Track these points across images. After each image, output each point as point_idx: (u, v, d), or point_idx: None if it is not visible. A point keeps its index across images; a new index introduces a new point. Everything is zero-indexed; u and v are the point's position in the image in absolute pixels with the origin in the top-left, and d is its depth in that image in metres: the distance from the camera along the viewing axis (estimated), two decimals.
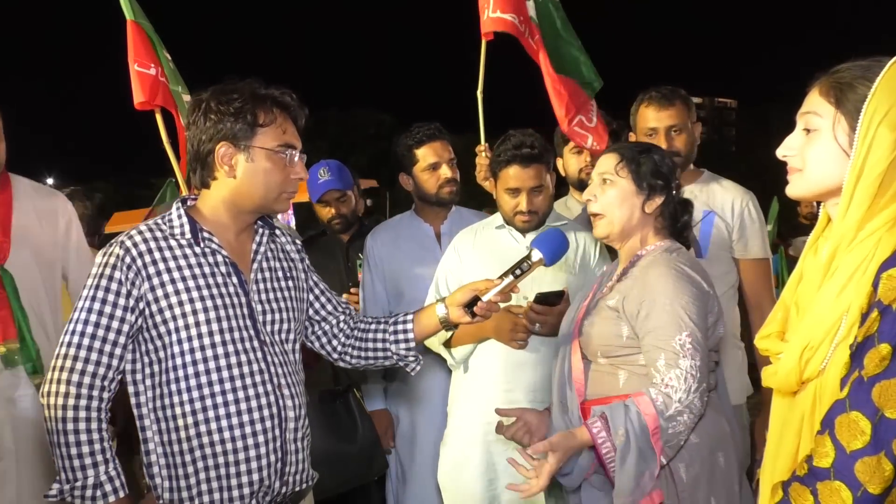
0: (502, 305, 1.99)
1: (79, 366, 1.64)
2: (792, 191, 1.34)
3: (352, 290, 2.95)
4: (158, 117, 3.12)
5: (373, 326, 2.05)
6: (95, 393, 1.65)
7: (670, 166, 1.99)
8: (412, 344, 2.00)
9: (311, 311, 2.02)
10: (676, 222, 2.00)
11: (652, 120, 2.59)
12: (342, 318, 2.07)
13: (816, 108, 1.29)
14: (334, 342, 2.05)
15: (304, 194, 3.40)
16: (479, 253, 2.54)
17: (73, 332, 1.66)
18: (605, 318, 1.90)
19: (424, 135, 2.84)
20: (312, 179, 3.24)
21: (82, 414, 1.63)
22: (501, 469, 2.40)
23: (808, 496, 1.17)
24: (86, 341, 1.65)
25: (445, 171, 2.82)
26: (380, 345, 2.02)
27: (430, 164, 2.83)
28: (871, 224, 1.20)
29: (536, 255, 1.91)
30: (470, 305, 1.91)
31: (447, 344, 2.51)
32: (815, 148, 1.29)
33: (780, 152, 1.35)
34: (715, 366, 1.94)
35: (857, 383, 1.14)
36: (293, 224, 9.08)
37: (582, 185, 2.94)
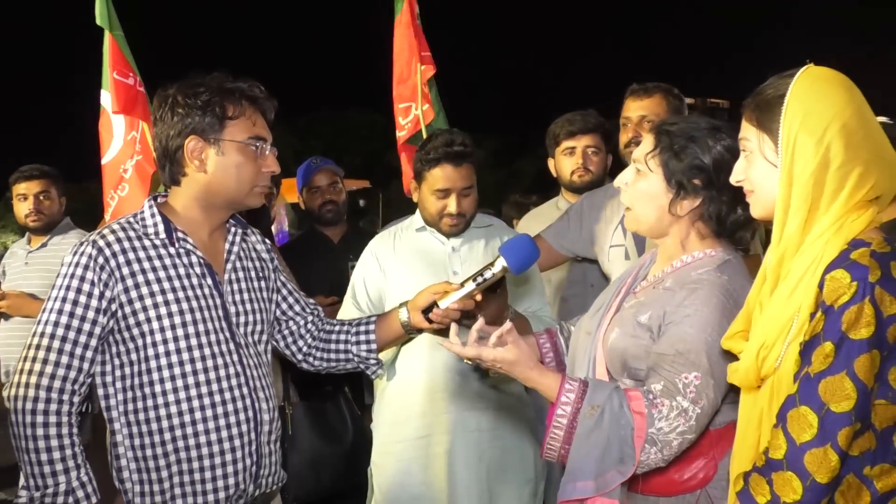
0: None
1: (49, 369, 1.58)
2: (754, 213, 1.42)
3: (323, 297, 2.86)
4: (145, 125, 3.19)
5: (336, 328, 2.01)
6: (66, 397, 1.59)
7: (721, 157, 1.60)
8: (374, 346, 1.97)
9: (278, 312, 1.98)
10: (724, 224, 1.64)
11: (627, 109, 2.61)
12: (310, 318, 2.02)
13: (745, 133, 1.38)
14: (300, 342, 2.01)
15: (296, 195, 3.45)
16: (401, 258, 2.40)
17: (42, 335, 1.60)
18: (635, 336, 1.60)
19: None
20: (303, 168, 3.30)
21: (52, 419, 1.57)
22: (443, 481, 2.29)
23: (764, 485, 1.25)
24: (56, 343, 1.59)
25: None
26: (342, 346, 1.99)
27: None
28: (818, 227, 1.27)
29: (501, 262, 1.79)
30: (427, 311, 1.85)
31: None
32: (753, 170, 1.37)
33: (732, 179, 1.43)
34: None
35: (805, 379, 1.22)
36: (286, 225, 9.07)
37: (573, 187, 2.98)
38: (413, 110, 3.34)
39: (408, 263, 2.35)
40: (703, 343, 1.48)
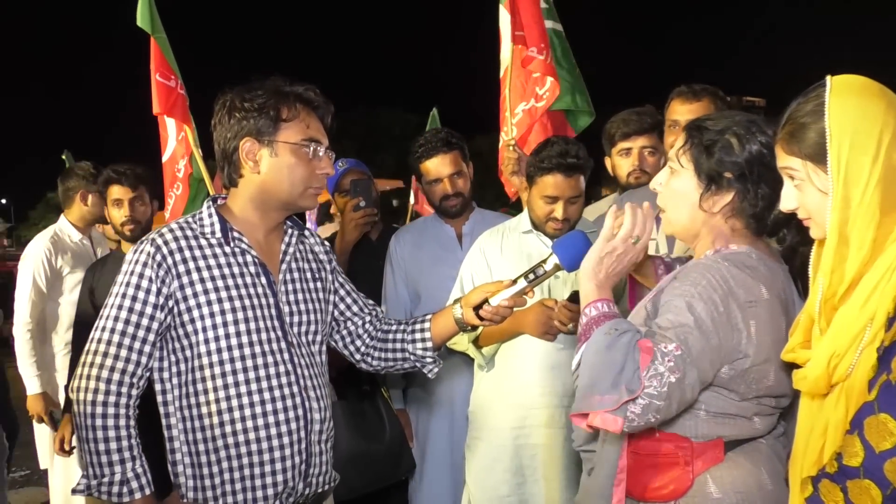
0: (517, 308, 1.91)
1: (109, 362, 1.65)
2: (814, 235, 1.37)
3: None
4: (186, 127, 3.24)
5: (393, 327, 2.02)
6: (125, 390, 1.66)
7: (756, 151, 1.53)
8: (429, 344, 1.96)
9: (336, 312, 2.00)
10: (762, 221, 1.57)
11: (675, 112, 2.61)
12: (368, 318, 2.04)
13: (789, 164, 1.34)
14: (357, 342, 2.02)
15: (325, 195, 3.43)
16: (507, 256, 2.51)
17: (103, 329, 1.67)
18: (637, 315, 1.63)
19: (426, 149, 2.85)
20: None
21: (111, 410, 1.64)
22: (529, 473, 2.42)
23: (838, 493, 1.21)
24: (116, 338, 1.66)
25: (445, 187, 2.84)
26: (398, 345, 1.99)
27: (432, 179, 2.86)
28: (894, 234, 1.23)
29: (553, 259, 1.80)
30: (479, 308, 1.86)
31: (476, 342, 2.50)
32: (807, 198, 1.33)
33: (784, 207, 1.39)
34: (772, 409, 1.57)
35: (886, 386, 1.17)
36: (313, 220, 9.10)
37: (630, 188, 2.91)
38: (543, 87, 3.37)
39: (513, 263, 2.43)
40: (688, 320, 1.43)
